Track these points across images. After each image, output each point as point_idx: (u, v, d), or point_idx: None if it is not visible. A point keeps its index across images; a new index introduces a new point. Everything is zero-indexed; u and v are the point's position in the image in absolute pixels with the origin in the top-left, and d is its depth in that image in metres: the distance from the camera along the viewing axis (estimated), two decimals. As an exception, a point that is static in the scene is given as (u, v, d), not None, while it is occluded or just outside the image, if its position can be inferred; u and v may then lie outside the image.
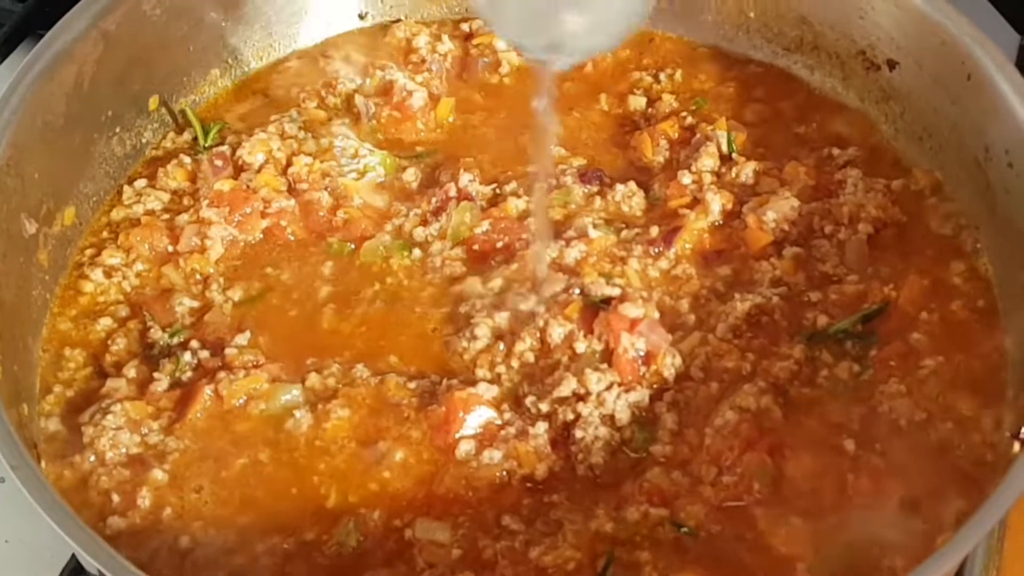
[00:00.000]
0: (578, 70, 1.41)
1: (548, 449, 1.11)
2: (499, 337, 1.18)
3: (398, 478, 1.11)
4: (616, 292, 1.19)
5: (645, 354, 1.15)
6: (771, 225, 1.25)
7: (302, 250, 1.27)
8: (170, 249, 1.25)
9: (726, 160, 1.32)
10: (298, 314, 1.22)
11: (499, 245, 1.26)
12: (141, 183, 1.31)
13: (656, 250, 1.24)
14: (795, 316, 1.20)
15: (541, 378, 1.16)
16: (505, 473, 1.10)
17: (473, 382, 1.15)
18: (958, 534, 0.96)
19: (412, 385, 1.16)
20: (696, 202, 1.28)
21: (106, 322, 1.21)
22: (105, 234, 1.28)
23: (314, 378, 1.17)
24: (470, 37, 1.44)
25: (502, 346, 1.18)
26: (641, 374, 1.15)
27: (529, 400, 1.14)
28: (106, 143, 1.30)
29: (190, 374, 1.17)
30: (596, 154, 1.35)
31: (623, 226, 1.27)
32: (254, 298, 1.23)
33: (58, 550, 1.17)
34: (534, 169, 1.28)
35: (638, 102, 1.38)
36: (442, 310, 1.22)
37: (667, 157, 1.34)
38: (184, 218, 1.27)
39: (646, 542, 1.06)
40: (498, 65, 1.42)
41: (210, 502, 1.09)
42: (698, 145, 1.33)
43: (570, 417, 1.13)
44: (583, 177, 1.31)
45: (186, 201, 1.29)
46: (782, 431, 1.11)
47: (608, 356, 1.16)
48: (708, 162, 1.31)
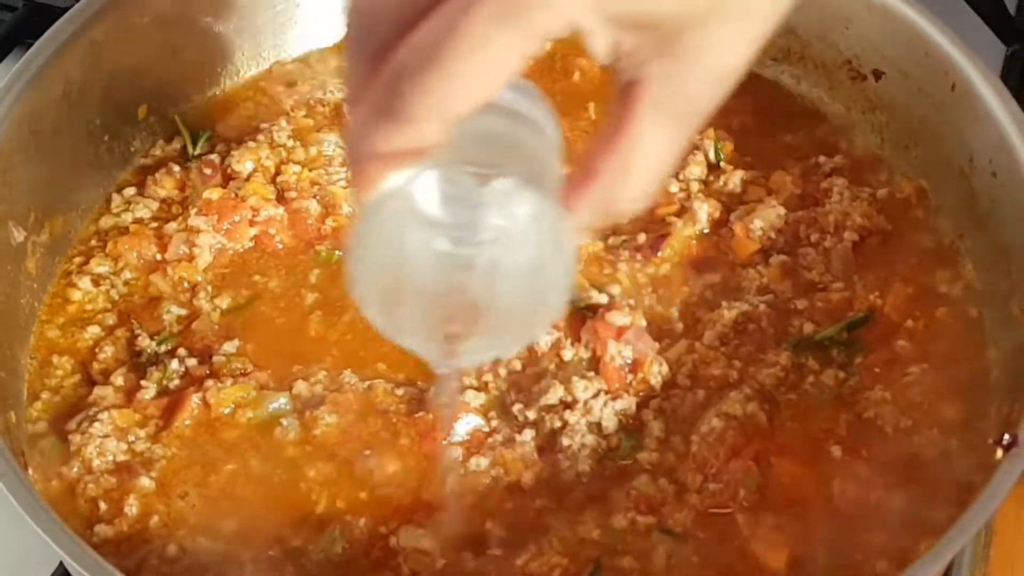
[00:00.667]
0: (566, 79, 1.42)
1: (535, 456, 1.11)
2: (486, 345, 1.19)
3: (384, 485, 1.11)
4: (603, 300, 1.20)
5: (632, 362, 1.16)
6: (758, 233, 1.26)
7: (290, 258, 1.27)
8: (158, 257, 1.26)
9: (714, 168, 1.33)
10: (286, 322, 1.23)
11: (486, 252, 1.27)
12: (130, 191, 1.32)
13: (643, 257, 1.25)
14: (781, 323, 1.20)
15: (528, 386, 1.16)
16: (492, 480, 1.11)
17: (460, 389, 1.16)
18: (942, 540, 0.97)
19: (400, 392, 1.16)
20: (683, 210, 1.28)
21: (94, 330, 1.22)
22: (93, 242, 1.28)
23: (301, 385, 1.17)
24: (459, 47, 1.45)
25: (489, 354, 1.19)
26: (628, 382, 1.16)
27: (516, 408, 1.15)
28: (95, 152, 1.31)
29: (177, 382, 1.17)
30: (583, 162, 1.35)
31: (610, 233, 1.28)
32: (242, 306, 1.23)
33: (45, 558, 1.17)
34: None
35: (626, 111, 1.39)
36: (430, 318, 1.23)
37: (654, 166, 1.34)
38: (173, 226, 1.27)
39: (633, 549, 1.07)
40: (487, 74, 1.43)
41: (197, 510, 1.09)
42: (685, 153, 1.33)
43: (557, 425, 1.13)
44: (571, 185, 1.32)
45: (175, 209, 1.30)
46: (768, 438, 1.12)
47: (595, 364, 1.16)
48: (695, 170, 1.32)
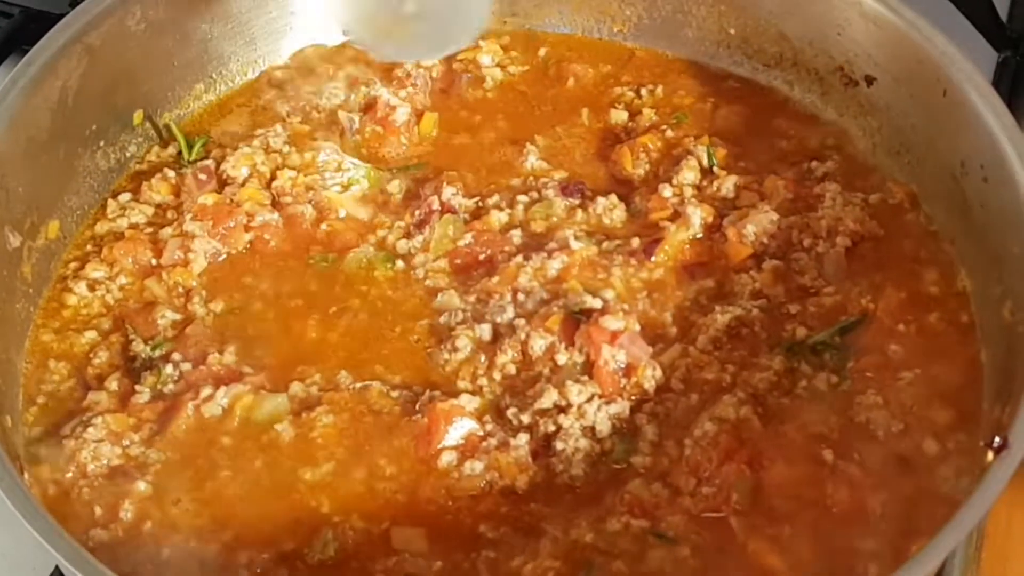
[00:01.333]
0: (560, 85, 1.43)
1: (529, 460, 1.12)
2: (481, 349, 1.19)
3: (378, 488, 1.11)
4: (597, 304, 1.21)
5: (626, 366, 1.16)
6: (751, 238, 1.26)
7: (285, 263, 1.28)
8: (153, 262, 1.26)
9: (707, 174, 1.33)
10: (281, 326, 1.23)
11: (481, 257, 1.27)
12: (125, 197, 1.32)
13: (637, 262, 1.25)
14: (774, 328, 1.21)
15: (522, 390, 1.17)
16: (486, 484, 1.11)
17: (455, 393, 1.16)
18: (932, 542, 0.97)
19: (395, 395, 1.17)
20: (677, 215, 1.29)
21: (90, 335, 1.22)
22: (89, 247, 1.29)
23: (297, 387, 1.17)
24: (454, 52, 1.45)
25: (483, 358, 1.19)
26: (622, 386, 1.16)
27: (510, 412, 1.15)
28: (90, 157, 1.31)
29: (172, 387, 1.17)
30: (578, 167, 1.36)
31: (604, 238, 1.28)
32: (236, 310, 1.24)
33: (41, 562, 1.17)
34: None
35: (619, 116, 1.40)
36: (425, 322, 1.23)
37: (648, 170, 1.35)
38: (168, 232, 1.27)
39: (626, 552, 1.07)
40: (481, 80, 1.43)
41: (192, 514, 1.10)
42: (679, 159, 1.34)
43: (551, 429, 1.13)
44: (565, 190, 1.32)
45: (170, 215, 1.30)
46: (761, 442, 1.12)
47: (589, 368, 1.17)
48: (689, 175, 1.32)
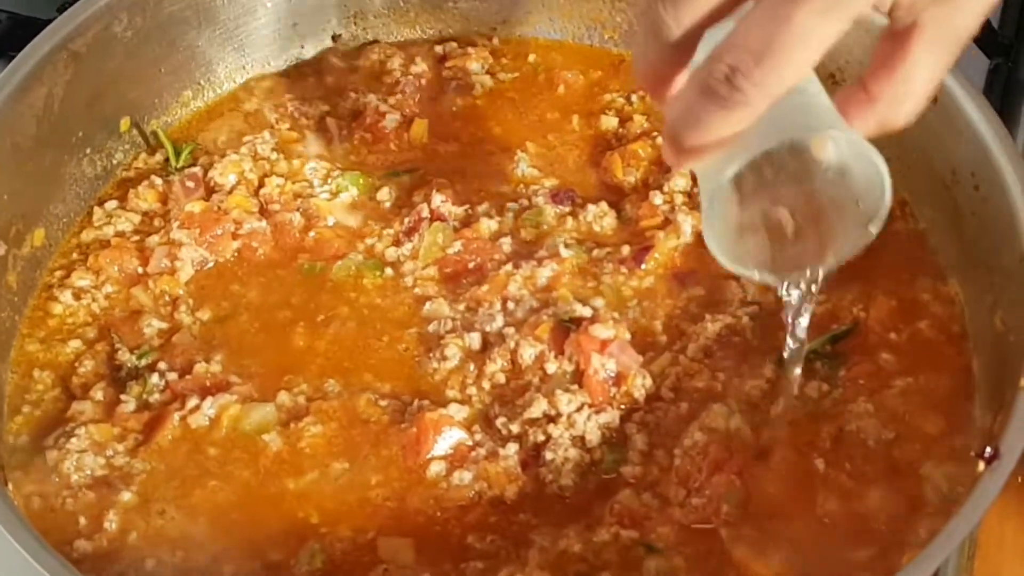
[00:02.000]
0: (551, 91, 1.43)
1: (518, 470, 1.11)
2: (470, 358, 1.19)
3: (366, 498, 1.11)
4: (587, 313, 1.20)
5: (616, 375, 1.16)
6: (742, 246, 1.26)
7: (273, 270, 1.27)
8: (140, 271, 1.25)
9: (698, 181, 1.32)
10: (268, 334, 1.22)
11: (471, 265, 1.26)
12: (112, 204, 1.31)
13: (627, 269, 1.25)
14: (765, 336, 1.20)
15: (512, 399, 1.16)
16: (475, 494, 1.10)
17: (444, 403, 1.16)
18: (923, 552, 0.97)
19: (383, 403, 1.16)
20: (667, 223, 1.28)
21: (75, 344, 1.21)
22: (75, 255, 1.28)
23: (284, 396, 1.17)
24: (444, 59, 1.45)
25: (473, 367, 1.18)
26: (611, 395, 1.15)
27: (500, 421, 1.14)
28: (76, 164, 1.30)
29: (157, 396, 1.17)
30: (568, 174, 1.35)
31: (594, 246, 1.28)
32: (223, 319, 1.23)
33: (25, 574, 1.16)
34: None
35: (610, 122, 1.39)
36: (414, 330, 1.22)
37: (639, 177, 1.34)
38: (154, 239, 1.27)
39: (615, 563, 1.06)
40: (471, 87, 1.43)
41: (177, 524, 1.09)
42: (669, 166, 1.33)
43: (540, 438, 1.13)
44: (555, 197, 1.32)
45: (157, 222, 1.29)
46: (751, 451, 1.12)
47: (579, 377, 1.16)
48: (680, 182, 1.32)
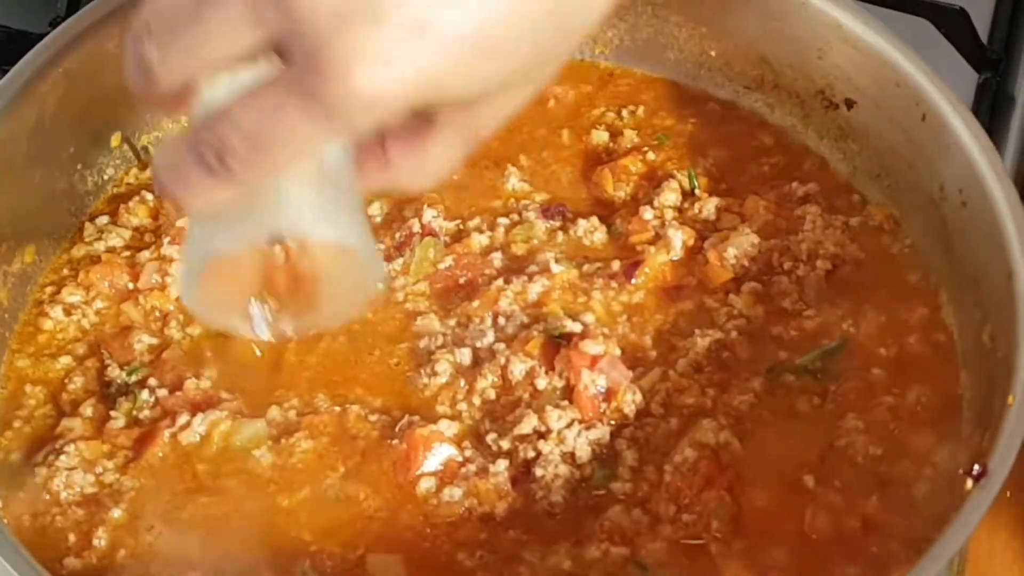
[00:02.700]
0: (541, 106, 1.43)
1: (508, 487, 1.11)
2: (460, 374, 1.19)
3: (355, 514, 1.10)
4: (577, 328, 1.20)
5: (606, 391, 1.16)
6: (731, 261, 1.26)
7: (264, 286, 1.27)
8: (130, 287, 1.25)
9: (688, 196, 1.33)
10: (259, 350, 1.22)
11: (462, 281, 1.26)
12: (103, 220, 1.31)
13: (617, 284, 1.25)
14: (755, 352, 1.21)
15: (502, 415, 1.16)
16: (465, 511, 1.10)
17: (434, 419, 1.15)
18: (912, 570, 0.97)
19: (373, 418, 1.16)
20: (658, 238, 1.29)
21: (65, 360, 1.21)
22: (66, 271, 1.28)
23: (275, 411, 1.17)
24: (435, 74, 1.45)
25: (463, 382, 1.18)
26: (601, 411, 1.16)
27: (490, 437, 1.14)
28: (67, 180, 1.30)
29: (147, 412, 1.16)
30: (559, 189, 1.36)
31: (585, 261, 1.28)
32: (214, 335, 1.23)
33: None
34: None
35: (601, 137, 1.39)
36: (404, 345, 1.22)
37: (629, 192, 1.35)
38: (145, 255, 1.26)
39: (605, 581, 1.07)
40: (463, 102, 1.43)
41: (167, 542, 1.09)
42: (660, 181, 1.34)
43: (531, 455, 1.13)
44: (545, 212, 1.32)
45: (148, 238, 1.29)
46: (741, 467, 1.12)
47: (569, 393, 1.16)
48: (671, 197, 1.32)
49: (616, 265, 1.27)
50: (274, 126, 0.77)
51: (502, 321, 1.22)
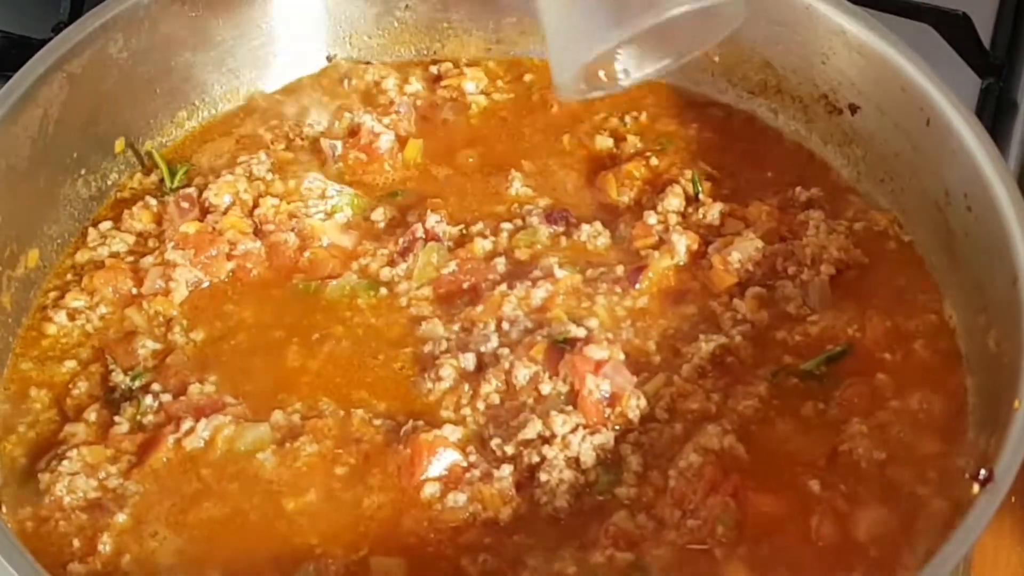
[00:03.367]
0: (544, 111, 1.43)
1: (513, 492, 1.11)
2: (465, 378, 1.19)
3: (359, 518, 1.10)
4: (582, 333, 1.20)
5: (610, 396, 1.16)
6: (735, 266, 1.26)
7: (267, 290, 1.27)
8: (134, 292, 1.25)
9: (692, 201, 1.33)
10: (263, 354, 1.22)
11: (465, 286, 1.26)
12: (106, 225, 1.31)
13: (621, 289, 1.25)
14: (760, 356, 1.21)
15: (506, 420, 1.16)
16: (469, 516, 1.10)
17: (438, 423, 1.15)
18: (918, 575, 0.97)
19: (377, 423, 1.16)
20: (662, 243, 1.29)
21: (70, 365, 1.21)
22: (69, 276, 1.28)
23: (279, 415, 1.17)
24: (439, 79, 1.45)
25: (467, 387, 1.18)
26: (606, 416, 1.15)
27: (494, 442, 1.14)
28: (71, 185, 1.30)
29: (151, 417, 1.16)
30: (563, 194, 1.36)
31: (588, 266, 1.28)
32: (217, 339, 1.23)
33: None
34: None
35: (604, 142, 1.40)
36: (408, 350, 1.22)
37: (633, 197, 1.35)
38: (149, 260, 1.27)
39: (610, 586, 1.06)
40: (466, 107, 1.43)
41: (170, 547, 1.09)
42: (664, 186, 1.34)
43: (535, 460, 1.13)
44: (549, 217, 1.32)
45: (151, 243, 1.29)
46: (746, 472, 1.12)
47: (573, 398, 1.16)
48: (674, 202, 1.32)
49: (620, 270, 1.27)
50: None
51: (506, 326, 1.22)
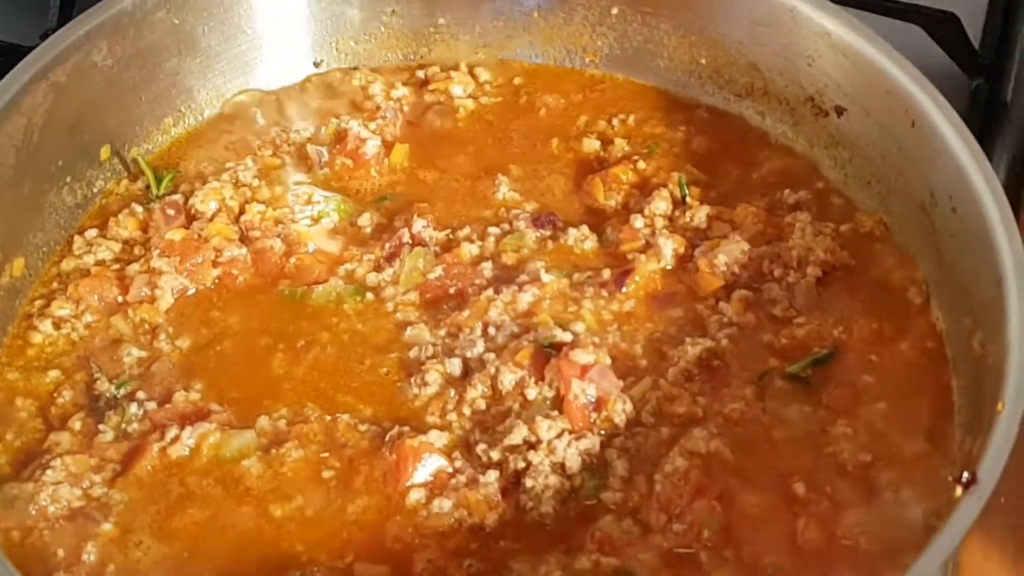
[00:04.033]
0: (532, 115, 1.43)
1: (498, 498, 1.11)
2: (450, 384, 1.19)
3: (344, 524, 1.10)
4: (568, 338, 1.20)
5: (596, 400, 1.16)
6: (722, 269, 1.26)
7: (253, 297, 1.27)
8: (120, 299, 1.25)
9: (679, 204, 1.33)
10: (249, 361, 1.22)
11: (452, 291, 1.26)
12: (92, 233, 1.31)
13: (608, 293, 1.25)
14: (746, 359, 1.21)
15: (492, 425, 1.16)
16: (455, 522, 1.10)
17: (424, 429, 1.15)
18: (903, 578, 0.97)
19: (363, 428, 1.16)
20: (648, 246, 1.28)
21: (54, 374, 1.21)
22: (55, 285, 1.28)
23: (264, 421, 1.16)
24: (425, 84, 1.45)
25: (453, 393, 1.18)
26: (592, 421, 1.15)
27: (480, 448, 1.14)
28: (56, 193, 1.30)
29: (136, 426, 1.16)
30: (550, 198, 1.36)
31: (575, 270, 1.28)
32: (203, 346, 1.23)
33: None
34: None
35: (592, 145, 1.39)
36: (394, 355, 1.22)
37: (620, 201, 1.34)
38: (135, 268, 1.27)
39: (596, 591, 1.06)
40: (454, 111, 1.43)
41: (156, 555, 1.09)
42: (651, 189, 1.34)
43: (521, 465, 1.13)
44: (536, 221, 1.32)
45: (137, 251, 1.29)
46: (732, 475, 1.12)
47: (559, 403, 1.16)
48: (661, 206, 1.32)
49: (607, 274, 1.26)
50: None
51: (492, 331, 1.22)
